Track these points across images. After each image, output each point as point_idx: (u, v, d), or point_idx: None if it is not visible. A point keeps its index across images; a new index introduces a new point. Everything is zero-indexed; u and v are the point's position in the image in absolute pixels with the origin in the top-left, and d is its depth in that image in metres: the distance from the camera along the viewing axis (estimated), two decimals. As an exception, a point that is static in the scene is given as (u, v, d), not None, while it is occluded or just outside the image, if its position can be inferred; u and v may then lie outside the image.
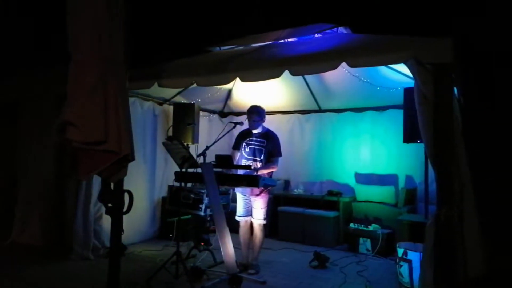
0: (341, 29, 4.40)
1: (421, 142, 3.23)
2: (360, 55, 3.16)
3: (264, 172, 3.89)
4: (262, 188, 3.75)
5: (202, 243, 4.38)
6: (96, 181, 4.40)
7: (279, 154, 4.05)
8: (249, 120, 4.04)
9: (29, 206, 4.81)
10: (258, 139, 4.03)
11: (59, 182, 4.71)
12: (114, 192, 2.50)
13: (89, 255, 4.30)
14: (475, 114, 3.41)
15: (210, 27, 6.79)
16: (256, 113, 4.00)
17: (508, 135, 3.38)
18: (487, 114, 3.52)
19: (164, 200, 5.31)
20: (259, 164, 3.95)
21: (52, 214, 4.71)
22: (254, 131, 4.06)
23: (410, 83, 3.59)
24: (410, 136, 3.86)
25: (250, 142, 4.04)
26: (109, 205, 2.50)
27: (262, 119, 4.04)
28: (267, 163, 3.97)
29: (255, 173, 3.77)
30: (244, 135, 4.11)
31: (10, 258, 4.27)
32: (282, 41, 4.36)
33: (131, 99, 4.78)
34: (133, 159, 2.38)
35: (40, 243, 4.62)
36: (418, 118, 2.97)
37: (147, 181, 5.21)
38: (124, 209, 2.52)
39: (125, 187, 2.55)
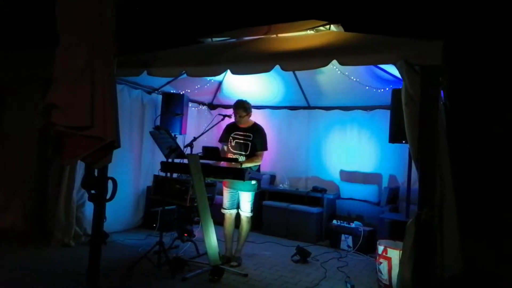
0: (333, 27, 4.41)
1: (406, 142, 3.27)
2: (350, 54, 3.16)
3: (248, 165, 3.89)
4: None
5: (186, 234, 4.39)
6: (80, 167, 4.34)
7: (265, 148, 4.06)
8: (235, 116, 4.03)
9: (11, 190, 4.72)
10: (245, 133, 4.03)
11: (42, 167, 4.63)
12: (98, 179, 2.48)
13: (70, 242, 4.25)
14: (460, 117, 3.48)
15: (203, 18, 6.72)
16: (242, 108, 3.99)
17: (491, 139, 3.46)
18: (472, 118, 3.59)
19: (149, 189, 5.28)
20: (245, 158, 3.96)
21: (34, 199, 4.64)
22: (241, 125, 4.05)
23: (399, 84, 3.64)
24: (395, 136, 3.92)
25: (236, 136, 4.04)
26: (92, 191, 2.48)
27: (248, 114, 4.04)
28: (251, 156, 3.98)
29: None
30: (231, 129, 4.11)
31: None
32: (274, 35, 4.35)
33: (119, 87, 4.72)
34: (118, 146, 2.36)
35: (21, 228, 4.54)
36: (404, 119, 3.00)
37: (132, 170, 5.16)
38: (108, 197, 2.50)
39: (110, 175, 2.53)
